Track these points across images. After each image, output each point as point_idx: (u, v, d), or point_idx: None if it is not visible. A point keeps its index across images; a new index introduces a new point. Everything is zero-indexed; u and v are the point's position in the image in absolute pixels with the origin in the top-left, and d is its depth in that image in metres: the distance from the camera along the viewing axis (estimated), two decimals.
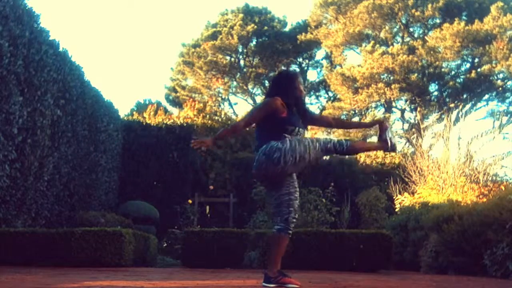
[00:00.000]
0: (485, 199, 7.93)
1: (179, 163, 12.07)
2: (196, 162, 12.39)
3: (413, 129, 20.48)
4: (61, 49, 8.08)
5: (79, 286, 3.55)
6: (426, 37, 20.32)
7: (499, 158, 10.97)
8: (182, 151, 12.11)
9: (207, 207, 12.48)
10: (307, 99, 25.37)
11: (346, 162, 13.02)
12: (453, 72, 20.94)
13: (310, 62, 25.49)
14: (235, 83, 25.26)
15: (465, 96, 20.10)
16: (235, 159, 12.83)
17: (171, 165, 12.02)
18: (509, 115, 19.80)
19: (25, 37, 6.79)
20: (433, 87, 21.04)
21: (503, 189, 8.00)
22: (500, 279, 5.26)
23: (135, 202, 10.42)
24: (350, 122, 5.71)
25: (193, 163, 12.29)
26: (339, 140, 3.62)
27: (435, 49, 19.38)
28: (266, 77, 24.07)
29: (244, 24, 22.92)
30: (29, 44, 6.92)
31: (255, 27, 22.91)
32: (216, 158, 12.85)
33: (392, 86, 19.18)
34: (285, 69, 20.74)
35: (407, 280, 5.08)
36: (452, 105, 18.64)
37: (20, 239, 5.99)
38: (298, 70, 23.80)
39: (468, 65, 20.87)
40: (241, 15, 23.40)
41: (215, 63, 23.33)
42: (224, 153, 12.89)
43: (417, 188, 9.73)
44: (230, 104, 25.77)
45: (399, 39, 21.95)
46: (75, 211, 8.64)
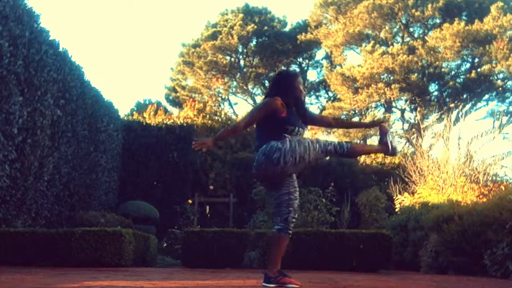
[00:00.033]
0: (485, 199, 7.93)
1: (179, 163, 12.07)
2: (196, 162, 12.39)
3: (413, 129, 20.48)
4: (61, 49, 8.08)
5: (79, 286, 3.55)
6: (426, 37, 20.32)
7: (499, 158, 10.98)
8: (182, 151, 12.11)
9: (207, 207, 12.48)
10: (307, 99, 25.37)
11: (346, 162, 13.01)
12: (453, 72, 20.94)
13: (310, 62, 25.50)
14: (235, 83, 25.26)
15: (465, 96, 20.09)
16: (235, 159, 12.83)
17: (171, 165, 12.02)
18: (509, 115, 19.80)
19: (25, 37, 6.79)
20: (433, 87, 21.04)
21: (503, 189, 8.00)
22: (500, 279, 5.26)
23: (135, 202, 10.42)
24: (350, 122, 5.72)
25: (193, 163, 12.29)
26: (339, 142, 3.62)
27: (435, 49, 19.38)
28: (266, 77, 24.07)
29: (244, 24, 22.92)
30: (29, 44, 6.92)
31: (255, 27, 22.90)
32: (216, 158, 12.85)
33: (392, 86, 19.17)
34: (284, 69, 20.72)
35: (407, 280, 5.08)
36: (452, 105, 18.63)
37: (20, 239, 5.99)
38: (298, 70, 23.80)
39: (468, 65, 20.87)
40: (241, 15, 23.40)
41: (215, 63, 23.33)
42: (224, 153, 12.89)
43: (417, 188, 9.73)
44: (230, 104, 25.79)
45: (399, 39, 21.94)
46: (75, 211, 8.64)
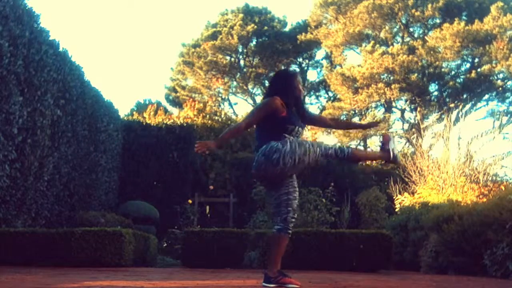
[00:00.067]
0: (485, 199, 7.93)
1: (179, 163, 12.07)
2: (196, 162, 12.39)
3: (413, 129, 20.47)
4: (61, 49, 8.08)
5: (79, 286, 3.55)
6: (426, 37, 20.31)
7: (499, 158, 10.97)
8: (182, 151, 12.11)
9: (207, 207, 12.48)
10: (307, 99, 25.38)
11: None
12: (453, 72, 20.93)
13: (310, 62, 25.49)
14: (235, 83, 25.25)
15: (465, 96, 20.09)
16: (235, 159, 12.83)
17: (171, 165, 12.02)
18: (509, 115, 19.79)
19: (25, 37, 6.79)
20: (433, 87, 21.03)
21: (503, 189, 8.00)
22: (500, 279, 5.26)
23: (135, 202, 10.42)
24: (348, 122, 5.72)
25: (193, 163, 12.29)
26: (340, 146, 3.60)
27: (435, 49, 19.37)
28: (266, 77, 24.06)
29: (244, 24, 22.92)
30: (29, 44, 6.92)
31: (255, 27, 22.90)
32: (216, 158, 12.85)
33: (392, 86, 19.17)
34: (284, 68, 20.68)
35: (407, 280, 5.08)
36: (452, 105, 18.62)
37: (20, 239, 5.99)
38: (298, 70, 23.80)
39: (468, 65, 20.86)
40: (241, 15, 23.39)
41: (215, 63, 23.33)
42: (224, 153, 12.89)
43: (417, 188, 9.73)
44: (230, 104, 25.79)
45: (399, 39, 21.94)
46: (75, 211, 8.63)
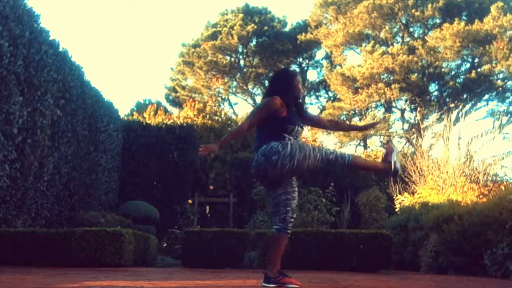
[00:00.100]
0: (485, 199, 7.93)
1: (179, 163, 12.07)
2: (196, 162, 12.38)
3: (413, 129, 20.48)
4: (61, 49, 8.07)
5: (79, 286, 3.55)
6: (426, 37, 20.32)
7: (499, 158, 10.97)
8: (182, 151, 12.11)
9: (207, 207, 12.47)
10: (307, 99, 25.38)
11: None
12: (453, 72, 20.94)
13: (310, 62, 25.51)
14: (235, 83, 25.26)
15: (465, 96, 20.10)
16: (235, 159, 12.83)
17: (171, 165, 12.01)
18: (509, 115, 19.81)
19: (25, 37, 6.79)
20: (433, 87, 21.04)
21: (503, 189, 8.00)
22: (500, 279, 5.26)
23: (135, 202, 10.41)
24: (346, 124, 5.74)
25: (193, 163, 12.28)
26: (341, 153, 3.58)
27: (435, 49, 19.38)
28: (266, 77, 24.08)
29: (244, 24, 22.92)
30: (29, 44, 6.92)
31: (255, 27, 22.90)
32: (216, 158, 12.85)
33: (392, 86, 19.17)
34: (283, 68, 20.61)
35: (407, 280, 5.08)
36: (452, 105, 18.63)
37: (20, 239, 5.98)
38: (298, 70, 23.80)
39: (468, 65, 20.87)
40: (241, 15, 23.40)
41: (215, 63, 23.34)
42: (224, 153, 12.88)
43: (417, 188, 9.73)
44: (230, 104, 25.80)
45: (399, 39, 21.95)
46: (75, 211, 8.63)
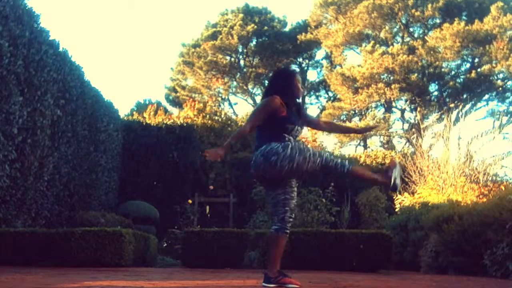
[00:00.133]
0: (485, 199, 7.93)
1: (179, 163, 12.06)
2: (196, 162, 12.38)
3: (413, 129, 20.49)
4: (61, 49, 8.07)
5: (79, 286, 3.55)
6: (426, 37, 20.32)
7: (499, 158, 10.97)
8: (182, 151, 12.11)
9: (207, 207, 12.47)
10: (307, 99, 25.39)
11: None
12: (453, 72, 20.95)
13: (310, 62, 25.51)
14: (235, 83, 25.27)
15: (465, 96, 20.11)
16: (235, 159, 12.82)
17: (171, 165, 12.01)
18: (509, 115, 19.82)
19: (25, 37, 6.79)
20: (433, 87, 21.06)
21: (503, 189, 8.00)
22: (500, 279, 5.26)
23: (135, 202, 10.41)
24: (343, 127, 5.73)
25: (193, 163, 12.28)
26: (342, 160, 3.56)
27: (435, 49, 19.39)
28: (266, 77, 24.09)
29: (244, 24, 22.92)
30: (29, 44, 6.92)
31: (255, 27, 22.91)
32: None
33: (392, 86, 19.18)
34: (283, 67, 20.55)
35: (407, 280, 5.08)
36: (452, 105, 18.64)
37: (20, 239, 5.98)
38: (298, 70, 23.79)
39: (468, 65, 20.88)
40: (241, 15, 23.40)
41: (215, 63, 23.34)
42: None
43: (417, 188, 9.73)
44: (230, 104, 25.81)
45: (399, 39, 21.96)
46: (75, 211, 8.63)
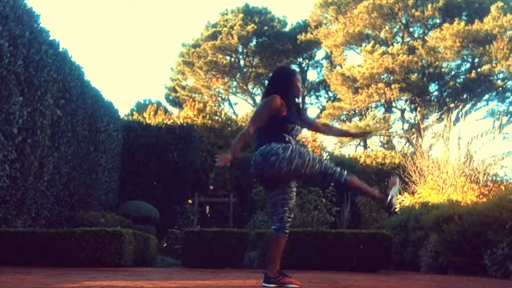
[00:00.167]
0: (485, 199, 7.93)
1: (179, 163, 12.06)
2: (196, 162, 12.37)
3: (413, 129, 20.49)
4: (61, 49, 8.07)
5: (79, 286, 3.55)
6: (426, 37, 20.33)
7: (499, 158, 10.97)
8: (182, 151, 12.10)
9: (207, 207, 12.47)
10: (307, 99, 25.39)
11: (346, 162, 13.00)
12: (453, 72, 20.95)
13: (310, 62, 25.52)
14: (235, 83, 25.27)
15: (465, 96, 20.11)
16: (235, 159, 12.80)
17: (171, 165, 12.01)
18: (509, 115, 19.82)
19: (25, 37, 6.79)
20: (433, 87, 21.06)
21: (503, 189, 8.00)
22: (500, 279, 5.26)
23: (135, 202, 10.41)
24: (338, 129, 5.73)
25: (193, 163, 12.27)
26: (341, 171, 3.52)
27: (435, 49, 19.39)
28: (266, 77, 24.09)
29: (244, 24, 22.92)
30: (29, 44, 6.92)
31: (255, 27, 22.91)
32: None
33: (392, 86, 19.18)
34: (282, 66, 20.53)
35: (407, 280, 5.08)
36: (452, 105, 18.64)
37: (20, 239, 5.98)
38: (298, 70, 23.79)
39: (468, 65, 20.88)
40: (241, 15, 23.40)
41: (215, 63, 23.34)
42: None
43: (417, 188, 9.73)
44: (230, 104, 25.82)
45: (399, 39, 21.96)
46: (75, 211, 8.63)
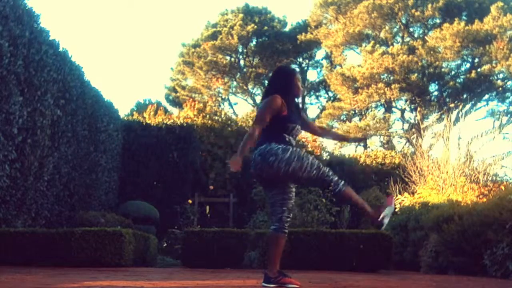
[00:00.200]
0: (485, 199, 7.93)
1: (179, 163, 12.06)
2: (196, 162, 12.37)
3: (413, 129, 20.49)
4: (61, 49, 8.07)
5: (79, 286, 3.55)
6: (426, 37, 20.32)
7: (499, 158, 10.96)
8: (182, 151, 12.10)
9: (207, 207, 12.47)
10: (306, 99, 25.38)
11: (346, 162, 13.02)
12: (453, 72, 20.95)
13: (310, 62, 25.51)
14: (235, 83, 25.27)
15: (465, 96, 20.11)
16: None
17: (171, 165, 12.01)
18: (509, 115, 19.81)
19: (25, 37, 6.79)
20: (433, 87, 21.06)
21: (503, 189, 8.00)
22: (500, 279, 5.26)
23: (135, 202, 10.41)
24: (335, 133, 5.76)
25: (193, 163, 12.28)
26: (338, 180, 3.52)
27: (435, 49, 19.39)
28: (266, 77, 24.09)
29: (244, 24, 22.92)
30: (29, 44, 6.92)
31: (255, 27, 22.90)
32: (216, 158, 12.84)
33: (392, 86, 19.18)
34: (282, 65, 20.51)
35: (407, 280, 5.08)
36: (452, 105, 18.63)
37: (20, 239, 5.98)
38: (298, 69, 23.78)
39: (468, 65, 20.87)
40: (241, 15, 23.40)
41: (215, 63, 23.34)
42: (224, 153, 12.87)
43: (417, 188, 9.73)
44: (230, 104, 25.81)
45: (399, 39, 21.95)
46: (75, 211, 8.63)
